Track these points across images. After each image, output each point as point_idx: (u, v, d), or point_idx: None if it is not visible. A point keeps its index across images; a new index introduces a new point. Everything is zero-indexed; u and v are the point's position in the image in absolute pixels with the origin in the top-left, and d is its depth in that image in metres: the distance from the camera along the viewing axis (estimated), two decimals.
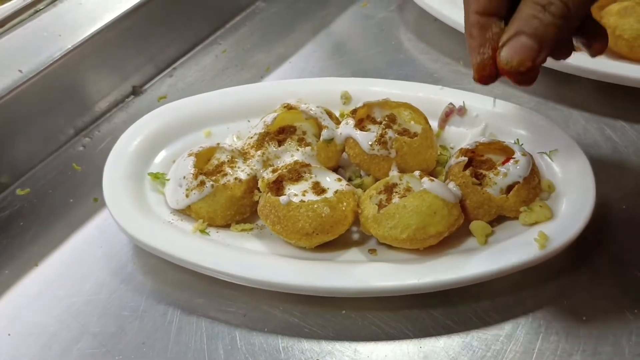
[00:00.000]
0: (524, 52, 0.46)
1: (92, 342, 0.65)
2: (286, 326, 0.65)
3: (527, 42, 0.46)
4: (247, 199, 0.70)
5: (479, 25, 0.48)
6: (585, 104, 0.87)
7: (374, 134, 0.69)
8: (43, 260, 0.73)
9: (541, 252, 0.64)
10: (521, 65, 0.47)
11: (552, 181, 0.71)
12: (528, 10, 0.46)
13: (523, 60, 0.47)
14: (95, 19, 0.87)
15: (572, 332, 0.64)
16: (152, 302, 0.68)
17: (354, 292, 0.63)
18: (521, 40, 0.46)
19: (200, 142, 0.76)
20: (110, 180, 0.72)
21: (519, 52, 0.47)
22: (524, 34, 0.46)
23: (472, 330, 0.64)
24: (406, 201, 0.64)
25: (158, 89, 0.95)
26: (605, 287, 0.67)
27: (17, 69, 0.80)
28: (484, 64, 0.50)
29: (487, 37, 0.49)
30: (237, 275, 0.65)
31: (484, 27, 0.48)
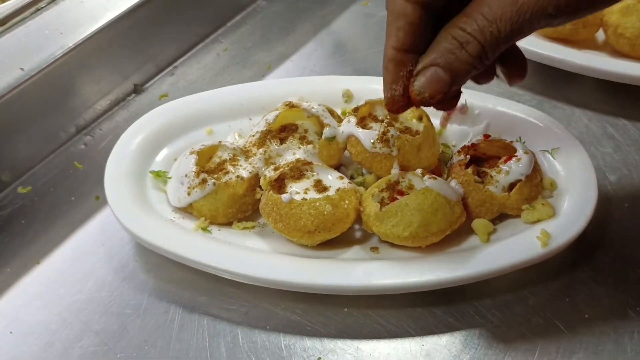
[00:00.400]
0: (436, 84, 0.47)
1: (93, 340, 0.65)
2: (288, 324, 0.65)
3: (440, 75, 0.47)
4: (249, 197, 0.70)
5: (395, 60, 0.49)
6: (587, 102, 0.87)
7: (376, 132, 0.69)
8: (44, 259, 0.73)
9: (543, 250, 0.64)
10: (432, 97, 0.48)
11: (554, 179, 0.71)
12: (445, 44, 0.46)
13: (435, 91, 0.48)
14: (97, 18, 0.87)
15: (574, 329, 0.64)
16: (154, 300, 0.68)
17: (356, 290, 0.63)
18: (435, 72, 0.47)
19: (201, 140, 0.76)
20: (112, 179, 0.72)
21: (432, 83, 0.47)
22: (439, 66, 0.47)
23: (474, 327, 0.64)
24: (408, 199, 0.64)
25: (159, 88, 0.95)
26: (607, 284, 0.67)
27: (19, 67, 0.80)
28: (393, 99, 0.51)
29: (400, 75, 0.49)
30: (239, 273, 0.64)
31: (400, 64, 0.49)
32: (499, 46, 0.46)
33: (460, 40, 0.46)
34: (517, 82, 0.58)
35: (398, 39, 0.48)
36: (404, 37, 0.47)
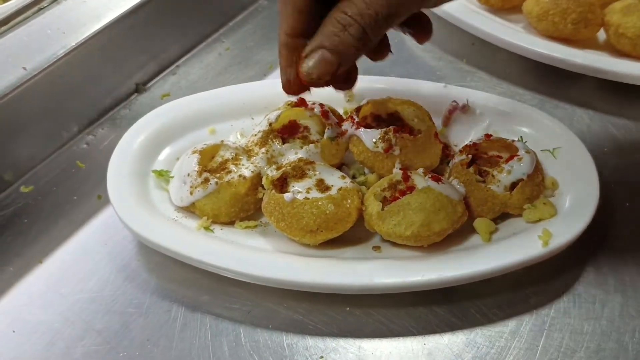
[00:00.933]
0: (323, 65, 0.50)
1: (96, 339, 0.65)
2: (290, 323, 0.65)
3: (327, 57, 0.50)
4: (251, 196, 0.70)
5: (287, 46, 0.51)
6: (589, 101, 0.87)
7: (378, 132, 0.69)
8: (47, 258, 0.73)
9: (545, 249, 0.64)
10: (320, 78, 0.51)
11: (555, 178, 0.71)
12: (330, 27, 0.49)
13: (322, 73, 0.50)
14: (99, 17, 0.87)
15: (576, 329, 0.64)
16: (156, 299, 0.68)
17: (358, 289, 0.63)
18: (322, 55, 0.50)
19: (204, 140, 0.76)
20: (114, 178, 0.72)
21: (319, 65, 0.50)
22: (325, 48, 0.49)
23: (476, 327, 0.64)
24: (410, 198, 0.64)
25: (161, 87, 0.95)
26: (609, 284, 0.67)
27: (21, 66, 0.80)
28: (289, 83, 0.54)
29: (293, 59, 0.52)
30: (242, 273, 0.65)
31: (292, 48, 0.51)
32: (378, 28, 0.49)
33: (343, 23, 0.48)
34: (424, 41, 0.60)
35: (288, 25, 0.50)
36: (294, 23, 0.50)
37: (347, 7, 0.48)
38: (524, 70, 0.92)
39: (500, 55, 0.91)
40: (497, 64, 0.93)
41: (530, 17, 0.89)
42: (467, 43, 0.96)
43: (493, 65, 0.93)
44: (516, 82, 0.91)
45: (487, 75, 0.92)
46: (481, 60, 0.94)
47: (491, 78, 0.92)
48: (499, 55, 0.92)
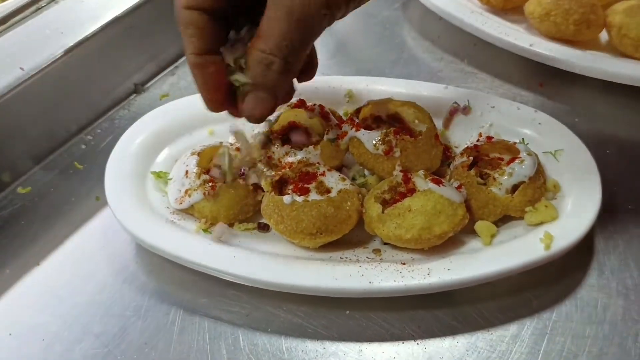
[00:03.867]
0: (263, 105, 0.52)
1: (94, 342, 0.65)
2: (290, 326, 0.65)
3: (262, 96, 0.52)
4: (250, 198, 0.69)
5: (198, 65, 0.52)
6: (591, 103, 0.86)
7: (378, 133, 0.69)
8: (44, 260, 0.72)
9: (547, 252, 0.63)
10: (264, 115, 0.53)
11: (557, 181, 0.70)
12: (254, 69, 0.50)
13: (264, 111, 0.53)
14: (97, 17, 0.87)
15: (578, 333, 0.63)
16: (154, 302, 0.67)
17: (358, 293, 0.63)
18: (257, 96, 0.52)
19: (203, 141, 0.76)
20: (112, 179, 0.72)
21: (259, 106, 0.52)
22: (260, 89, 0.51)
23: (477, 331, 0.64)
24: (411, 201, 0.63)
25: (160, 87, 0.94)
26: (611, 287, 0.67)
27: (19, 66, 0.79)
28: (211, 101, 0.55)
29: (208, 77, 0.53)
30: (240, 275, 0.64)
31: (203, 66, 0.52)
32: (298, 55, 0.50)
33: (265, 62, 0.49)
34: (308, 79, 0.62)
35: (194, 46, 0.51)
36: (198, 42, 0.51)
37: (263, 44, 0.49)
38: (525, 72, 0.91)
39: (502, 56, 0.91)
40: (499, 65, 0.93)
41: (532, 17, 0.89)
42: (469, 44, 0.95)
43: (494, 66, 0.93)
44: (518, 83, 0.90)
45: (488, 77, 0.92)
46: (482, 61, 0.94)
47: (492, 79, 0.91)
48: (500, 56, 0.92)
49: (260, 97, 0.52)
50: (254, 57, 0.50)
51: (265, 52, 0.49)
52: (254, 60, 0.50)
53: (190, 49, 0.51)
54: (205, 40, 0.51)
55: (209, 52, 0.51)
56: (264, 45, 0.49)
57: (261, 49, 0.49)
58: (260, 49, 0.49)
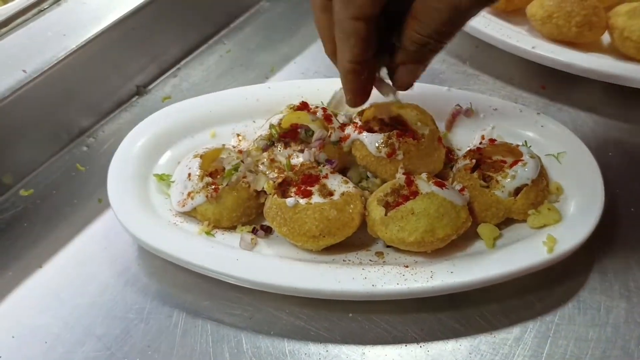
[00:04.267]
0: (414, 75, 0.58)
1: (96, 344, 0.65)
2: (292, 329, 0.65)
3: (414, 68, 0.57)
4: (253, 200, 0.69)
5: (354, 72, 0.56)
6: (593, 105, 0.86)
7: (381, 136, 0.69)
8: (47, 262, 0.72)
9: (550, 255, 0.63)
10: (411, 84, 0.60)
11: (560, 184, 0.70)
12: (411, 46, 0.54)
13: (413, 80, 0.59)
14: (100, 19, 0.87)
15: (581, 335, 0.63)
16: (157, 304, 0.67)
17: (360, 295, 0.63)
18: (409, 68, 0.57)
19: (205, 143, 0.76)
20: (115, 181, 0.72)
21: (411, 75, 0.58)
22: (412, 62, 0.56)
23: (480, 333, 0.64)
24: (414, 204, 0.63)
25: (162, 89, 0.94)
26: (613, 290, 0.67)
27: (21, 68, 0.79)
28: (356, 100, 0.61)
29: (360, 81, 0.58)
30: (243, 278, 0.64)
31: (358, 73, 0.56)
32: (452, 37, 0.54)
33: (421, 43, 0.53)
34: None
35: (353, 54, 0.54)
36: (359, 51, 0.53)
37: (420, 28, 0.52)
38: (527, 74, 0.91)
39: (504, 58, 0.91)
40: (501, 67, 0.93)
41: (534, 20, 0.89)
42: (471, 46, 0.95)
43: (497, 68, 0.93)
44: (520, 85, 0.90)
45: (490, 79, 0.92)
46: (485, 64, 0.93)
47: (495, 81, 0.91)
48: (502, 59, 0.92)
49: (411, 69, 0.56)
50: (411, 38, 0.53)
51: (422, 34, 0.52)
52: (410, 40, 0.53)
53: (348, 56, 0.54)
54: (365, 49, 0.53)
55: (365, 60, 0.54)
56: (421, 29, 0.52)
57: (418, 31, 0.52)
58: (417, 31, 0.52)
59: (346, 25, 0.52)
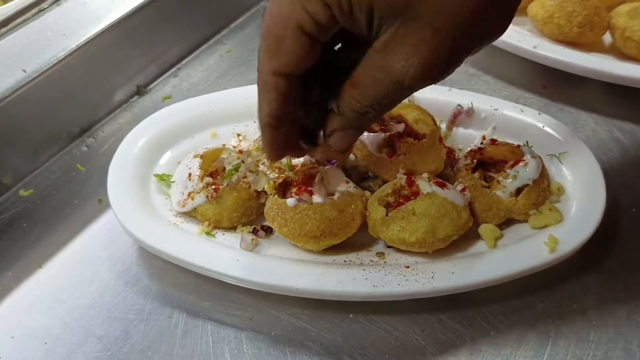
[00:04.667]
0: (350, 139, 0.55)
1: (96, 345, 0.64)
2: (293, 330, 0.65)
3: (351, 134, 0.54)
4: (253, 201, 0.69)
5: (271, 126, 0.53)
6: (594, 105, 0.86)
7: (382, 136, 0.69)
8: (47, 262, 0.72)
9: (551, 256, 0.63)
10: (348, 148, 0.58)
11: (561, 184, 0.70)
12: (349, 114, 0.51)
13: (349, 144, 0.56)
14: (100, 19, 0.86)
15: (583, 336, 0.63)
16: (157, 305, 0.67)
17: (361, 296, 0.63)
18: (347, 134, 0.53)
19: (205, 143, 0.75)
20: (115, 181, 0.72)
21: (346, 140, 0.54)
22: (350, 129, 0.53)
23: (481, 334, 0.64)
24: (415, 204, 0.63)
25: (162, 89, 0.94)
26: (616, 290, 0.67)
27: (21, 68, 0.79)
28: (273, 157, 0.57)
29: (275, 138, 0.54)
30: (244, 279, 0.64)
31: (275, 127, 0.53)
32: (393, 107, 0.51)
33: (360, 112, 0.50)
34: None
35: (271, 109, 0.51)
36: (277, 106, 0.51)
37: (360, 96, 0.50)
38: (529, 74, 0.91)
39: (505, 58, 0.91)
40: (502, 67, 0.92)
41: (535, 20, 0.89)
42: None
43: (498, 68, 0.92)
44: (521, 85, 0.90)
45: (491, 79, 0.91)
46: (486, 64, 0.93)
47: (496, 81, 0.91)
48: (503, 59, 0.91)
49: (349, 134, 0.54)
50: (349, 105, 0.50)
51: (362, 103, 0.50)
52: (348, 107, 0.51)
53: (266, 110, 0.51)
54: (284, 104, 0.51)
55: (284, 115, 0.52)
56: (361, 98, 0.50)
57: (358, 99, 0.50)
58: (356, 99, 0.50)
59: (267, 78, 0.49)
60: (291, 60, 0.48)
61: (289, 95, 0.50)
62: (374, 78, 0.48)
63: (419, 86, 0.48)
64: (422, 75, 0.46)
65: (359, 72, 0.49)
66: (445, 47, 0.45)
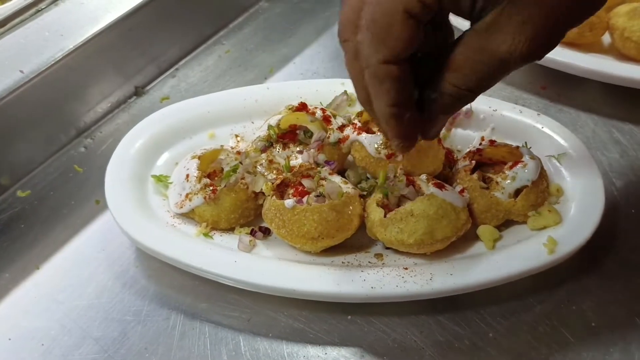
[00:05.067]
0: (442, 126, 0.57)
1: (93, 347, 0.64)
2: (291, 331, 0.65)
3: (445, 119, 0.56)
4: (251, 202, 0.69)
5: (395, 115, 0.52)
6: (594, 106, 0.86)
7: (380, 137, 0.68)
8: (44, 264, 0.72)
9: (550, 257, 0.63)
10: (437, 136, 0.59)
11: (560, 185, 0.70)
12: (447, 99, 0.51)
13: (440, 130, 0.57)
14: (98, 19, 0.86)
15: (581, 338, 0.63)
16: (154, 306, 0.67)
17: (360, 297, 0.62)
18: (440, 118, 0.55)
19: (203, 144, 0.75)
20: (112, 182, 0.71)
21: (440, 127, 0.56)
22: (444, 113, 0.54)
23: (480, 336, 0.63)
24: (413, 205, 0.63)
25: (160, 90, 0.94)
26: (614, 292, 0.66)
27: (19, 69, 0.79)
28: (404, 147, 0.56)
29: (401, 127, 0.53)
30: (241, 280, 0.64)
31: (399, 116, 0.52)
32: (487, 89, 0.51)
33: (458, 96, 0.50)
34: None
35: (391, 98, 0.50)
36: (396, 94, 0.50)
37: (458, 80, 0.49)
38: (527, 75, 0.91)
39: None
40: None
41: None
42: None
43: None
44: (520, 86, 0.90)
45: None
46: None
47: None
48: None
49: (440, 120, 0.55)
50: (448, 91, 0.50)
51: (460, 87, 0.49)
52: (447, 93, 0.50)
53: (386, 101, 0.51)
54: (402, 90, 0.50)
55: (405, 100, 0.51)
56: (459, 82, 0.49)
57: (456, 84, 0.49)
58: (454, 84, 0.49)
59: (378, 70, 0.49)
60: (400, 46, 0.48)
61: (404, 80, 0.50)
62: (476, 60, 0.48)
63: (521, 65, 0.48)
64: (528, 53, 0.46)
65: (457, 56, 0.49)
66: (552, 24, 0.45)
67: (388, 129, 0.53)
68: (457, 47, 0.49)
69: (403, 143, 0.55)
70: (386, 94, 0.50)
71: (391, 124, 0.52)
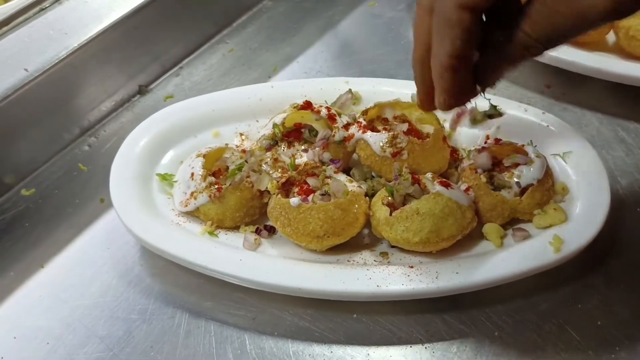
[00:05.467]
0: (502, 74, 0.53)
1: (98, 345, 0.64)
2: (296, 330, 0.64)
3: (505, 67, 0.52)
4: (256, 200, 0.69)
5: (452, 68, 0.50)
6: (598, 105, 0.86)
7: (385, 136, 0.68)
8: (48, 262, 0.72)
9: (556, 255, 0.63)
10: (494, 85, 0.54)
11: (565, 183, 0.70)
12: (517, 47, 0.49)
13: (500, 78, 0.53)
14: (102, 18, 0.86)
15: (587, 337, 0.63)
16: (159, 305, 0.67)
17: (365, 296, 0.62)
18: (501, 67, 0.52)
19: (208, 143, 0.75)
20: (117, 181, 0.71)
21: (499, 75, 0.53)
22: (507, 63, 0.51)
23: (486, 334, 0.63)
24: (419, 204, 0.63)
25: (164, 89, 0.94)
26: (620, 291, 0.66)
27: (23, 67, 0.79)
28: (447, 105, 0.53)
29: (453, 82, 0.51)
30: (246, 279, 0.64)
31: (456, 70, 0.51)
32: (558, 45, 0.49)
33: (527, 45, 0.48)
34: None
35: (454, 48, 0.49)
36: (461, 44, 0.48)
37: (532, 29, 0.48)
38: (532, 73, 0.91)
39: None
40: None
41: None
42: None
43: None
44: (525, 84, 0.89)
45: None
46: None
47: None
48: None
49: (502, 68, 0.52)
50: (520, 39, 0.49)
51: (532, 37, 0.48)
52: (518, 41, 0.49)
53: (448, 50, 0.49)
54: (467, 42, 0.49)
55: (466, 56, 0.50)
56: (533, 32, 0.48)
57: (529, 33, 0.48)
58: (527, 33, 0.48)
59: (451, 14, 0.47)
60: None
61: (473, 33, 0.48)
62: (554, 10, 0.46)
63: (601, 24, 0.46)
64: (612, 8, 0.44)
65: (535, 4, 0.47)
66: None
67: (440, 82, 0.51)
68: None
69: (448, 100, 0.53)
70: (451, 43, 0.48)
71: (445, 77, 0.51)
